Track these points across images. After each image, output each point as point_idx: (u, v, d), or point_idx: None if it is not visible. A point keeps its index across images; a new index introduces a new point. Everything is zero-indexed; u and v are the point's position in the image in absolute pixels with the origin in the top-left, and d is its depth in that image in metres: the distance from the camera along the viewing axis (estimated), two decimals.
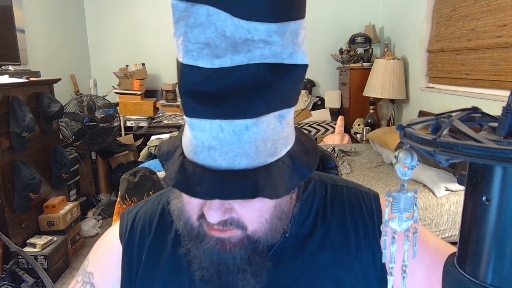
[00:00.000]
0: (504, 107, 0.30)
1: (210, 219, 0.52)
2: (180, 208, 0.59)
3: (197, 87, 0.45)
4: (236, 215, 0.54)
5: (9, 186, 2.35)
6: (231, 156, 0.47)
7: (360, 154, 3.20)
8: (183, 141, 0.53)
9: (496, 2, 2.38)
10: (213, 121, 0.46)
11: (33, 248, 2.45)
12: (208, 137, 0.47)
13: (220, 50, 0.43)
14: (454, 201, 2.16)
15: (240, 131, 0.46)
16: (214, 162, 0.48)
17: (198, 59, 0.43)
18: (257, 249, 0.57)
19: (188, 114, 0.47)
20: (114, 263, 0.68)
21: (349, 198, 0.67)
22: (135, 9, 4.51)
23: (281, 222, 0.58)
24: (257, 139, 0.47)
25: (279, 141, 0.51)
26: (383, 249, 0.36)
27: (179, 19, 0.43)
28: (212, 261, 0.56)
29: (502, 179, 0.28)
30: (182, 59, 0.44)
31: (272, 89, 0.45)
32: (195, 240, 0.57)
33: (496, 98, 2.36)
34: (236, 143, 0.47)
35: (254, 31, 0.43)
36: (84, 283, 0.69)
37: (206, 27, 0.42)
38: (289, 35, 0.44)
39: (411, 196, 0.34)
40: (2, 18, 2.88)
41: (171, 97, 4.30)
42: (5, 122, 2.34)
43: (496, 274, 0.30)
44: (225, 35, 0.42)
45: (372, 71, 3.71)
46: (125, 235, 0.69)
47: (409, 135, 0.32)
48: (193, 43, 0.43)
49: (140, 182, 2.50)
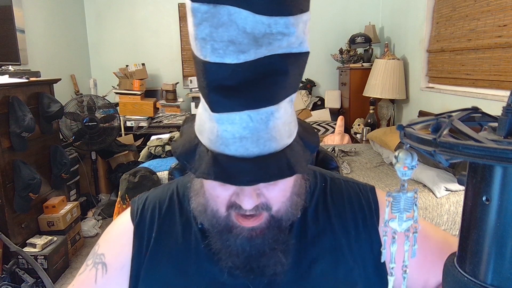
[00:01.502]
0: (504, 107, 0.30)
1: (246, 205, 0.56)
2: (203, 204, 0.63)
3: (223, 82, 0.47)
4: (264, 198, 0.59)
5: (9, 186, 2.35)
6: (262, 142, 0.51)
7: (360, 154, 3.19)
8: (205, 137, 0.55)
9: (496, 2, 2.38)
10: (242, 113, 0.49)
11: (33, 248, 2.45)
12: (239, 128, 0.50)
13: (244, 45, 0.46)
14: (454, 201, 2.16)
15: (266, 118, 0.50)
16: (246, 151, 0.51)
17: (225, 56, 0.46)
18: (281, 227, 0.62)
19: (216, 109, 0.49)
20: (125, 242, 0.71)
21: (347, 190, 0.73)
22: (135, 9, 4.51)
23: (299, 198, 0.64)
24: (279, 123, 0.52)
25: (292, 124, 0.56)
26: (382, 249, 0.36)
27: (202, 21, 0.46)
28: (244, 249, 0.60)
29: (502, 179, 0.28)
30: (209, 58, 0.47)
31: (287, 76, 0.49)
32: (223, 231, 0.61)
33: (496, 98, 2.36)
34: (264, 130, 0.50)
35: (273, 25, 0.46)
36: (95, 264, 0.71)
37: (229, 26, 0.45)
38: (301, 26, 0.48)
39: (411, 196, 0.34)
40: (2, 18, 2.88)
41: (171, 97, 4.30)
42: (5, 122, 2.34)
43: (496, 274, 0.30)
44: (246, 31, 0.46)
45: (372, 71, 3.71)
46: (136, 216, 0.73)
47: (409, 135, 0.32)
48: (219, 42, 0.46)
49: (140, 182, 2.51)
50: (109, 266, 0.70)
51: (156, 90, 4.51)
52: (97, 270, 0.70)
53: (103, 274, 0.69)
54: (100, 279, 0.69)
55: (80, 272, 0.72)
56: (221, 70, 0.47)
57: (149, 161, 2.87)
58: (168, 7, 4.51)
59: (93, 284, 0.69)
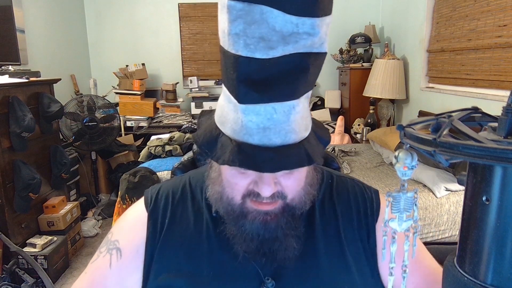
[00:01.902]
0: (504, 107, 0.30)
1: (265, 193, 0.60)
2: (220, 191, 0.67)
3: (252, 76, 0.52)
4: (280, 187, 0.63)
5: (9, 186, 2.35)
6: (283, 134, 0.55)
7: (360, 154, 3.19)
8: (228, 127, 0.58)
9: (496, 2, 2.38)
10: (268, 105, 0.53)
11: (33, 248, 2.45)
12: (263, 119, 0.54)
13: (273, 42, 0.50)
14: (454, 201, 2.16)
15: (289, 111, 0.54)
16: (269, 141, 0.55)
17: (256, 51, 0.50)
18: (294, 214, 0.66)
19: (244, 101, 0.53)
20: (139, 228, 0.73)
21: (353, 188, 0.78)
22: (135, 9, 4.51)
23: (312, 187, 0.68)
24: (298, 117, 0.56)
25: (308, 118, 0.61)
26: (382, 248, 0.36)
27: (236, 17, 0.50)
28: (259, 234, 0.64)
29: (502, 179, 0.28)
30: (241, 52, 0.51)
31: (308, 73, 0.54)
32: (238, 217, 0.65)
33: (496, 98, 2.36)
34: (286, 122, 0.55)
35: (301, 25, 0.50)
36: (109, 250, 0.73)
37: (260, 24, 0.49)
38: (325, 28, 0.52)
39: (411, 196, 0.34)
40: (2, 18, 2.88)
41: (171, 97, 4.30)
42: (5, 122, 2.34)
43: (496, 274, 0.30)
44: (275, 29, 0.50)
45: (372, 71, 3.71)
46: (151, 204, 0.76)
47: (409, 135, 0.32)
48: (251, 38, 0.50)
49: (140, 182, 2.51)
50: (124, 250, 0.72)
51: (156, 90, 4.51)
52: (111, 255, 0.72)
53: (118, 258, 0.71)
54: (115, 263, 0.71)
55: (93, 259, 0.74)
56: (251, 64, 0.51)
57: (149, 161, 2.87)
58: (168, 7, 4.51)
59: (107, 269, 0.71)
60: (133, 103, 4.11)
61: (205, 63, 4.67)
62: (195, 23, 4.57)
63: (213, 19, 4.56)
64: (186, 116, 4.29)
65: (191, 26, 4.58)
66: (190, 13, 4.54)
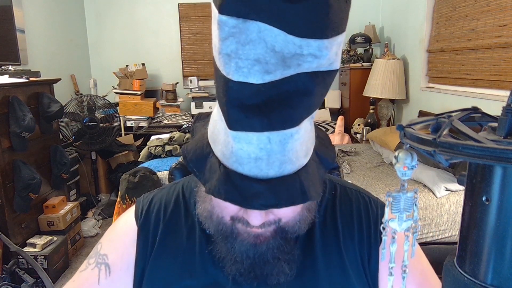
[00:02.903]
0: (504, 107, 0.30)
1: (254, 222, 0.56)
2: (209, 210, 0.62)
3: (245, 101, 0.44)
4: (272, 215, 0.58)
5: (9, 186, 2.35)
6: (277, 165, 0.49)
7: (360, 154, 3.19)
8: (218, 149, 0.52)
9: (496, 2, 2.38)
10: (262, 134, 0.46)
11: (33, 248, 2.45)
12: (255, 149, 0.47)
13: (271, 65, 0.43)
14: (454, 201, 2.16)
15: (285, 140, 0.47)
16: (260, 172, 0.49)
17: (249, 76, 0.43)
18: (287, 238, 0.61)
19: (234, 127, 0.46)
20: (129, 243, 0.70)
21: (357, 201, 0.71)
22: (135, 9, 4.51)
23: (309, 213, 0.62)
24: (297, 144, 0.49)
25: (310, 141, 0.53)
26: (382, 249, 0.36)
27: (228, 35, 0.42)
28: (248, 255, 0.59)
29: (502, 179, 0.28)
30: (232, 76, 0.44)
31: (312, 96, 0.46)
32: (228, 237, 0.60)
33: (496, 98, 2.36)
34: (281, 152, 0.48)
35: (305, 47, 0.42)
36: (98, 264, 0.69)
37: (257, 43, 0.42)
38: (335, 48, 0.44)
39: (411, 196, 0.34)
40: (2, 18, 2.88)
41: (171, 97, 4.30)
42: (5, 122, 2.34)
43: (496, 274, 0.30)
44: (275, 50, 0.42)
45: (372, 71, 3.71)
46: (141, 217, 0.71)
47: (409, 135, 0.32)
48: (244, 60, 0.43)
49: (140, 182, 2.51)
50: (113, 267, 0.69)
51: (156, 90, 4.51)
52: (100, 270, 0.69)
53: (107, 275, 0.68)
54: (103, 280, 0.68)
55: (82, 269, 0.71)
56: (244, 89, 0.44)
57: (149, 161, 2.87)
58: (168, 7, 4.51)
59: (95, 285, 0.68)
60: (133, 103, 4.11)
61: (205, 63, 4.67)
62: (195, 23, 4.57)
63: None
64: (186, 116, 4.29)
65: (191, 26, 4.58)
66: (190, 13, 4.54)
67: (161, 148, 3.00)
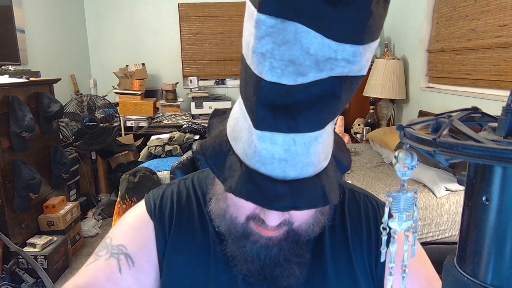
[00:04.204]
0: (504, 107, 0.30)
1: (271, 223, 0.56)
2: (224, 209, 0.61)
3: (275, 101, 0.45)
4: (288, 215, 0.58)
5: (9, 186, 2.35)
6: (300, 167, 0.49)
7: (360, 154, 3.19)
8: (240, 147, 0.52)
9: (496, 2, 2.38)
10: (287, 135, 0.46)
11: (33, 248, 2.45)
12: (280, 150, 0.47)
13: (304, 68, 0.43)
14: (454, 201, 2.16)
15: (309, 143, 0.48)
16: (283, 173, 0.49)
17: (282, 77, 0.43)
18: (299, 241, 0.61)
19: (261, 127, 0.46)
20: (148, 236, 0.68)
21: (366, 205, 0.72)
22: (135, 9, 4.51)
23: (323, 216, 0.63)
24: (320, 148, 0.49)
25: (330, 145, 0.54)
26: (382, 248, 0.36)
27: (265, 35, 0.42)
28: (259, 256, 0.60)
29: (502, 179, 0.28)
30: (265, 76, 0.43)
31: (339, 100, 0.46)
32: (240, 237, 0.60)
33: (496, 98, 2.36)
34: (305, 154, 0.48)
35: (340, 51, 0.42)
36: (114, 254, 0.66)
37: (292, 44, 0.42)
38: (368, 54, 0.44)
39: (411, 196, 0.34)
40: (2, 18, 2.88)
41: (171, 97, 4.30)
42: (5, 122, 2.34)
43: (496, 274, 0.30)
44: (309, 52, 0.42)
45: (372, 71, 3.71)
46: (155, 210, 0.70)
47: (409, 135, 0.32)
48: (278, 60, 0.42)
49: (140, 182, 2.51)
50: (135, 257, 0.66)
51: (156, 90, 4.51)
52: (120, 260, 0.65)
53: (129, 266, 0.65)
54: (126, 270, 0.65)
55: (89, 262, 0.67)
56: (275, 89, 0.44)
57: (149, 161, 2.87)
58: (168, 7, 4.51)
59: (116, 274, 0.64)
60: (133, 103, 4.11)
61: (205, 63, 4.67)
62: (195, 23, 4.57)
63: (213, 19, 4.56)
64: (186, 116, 4.29)
65: (191, 26, 4.58)
66: (190, 13, 4.54)
67: (161, 148, 3.00)
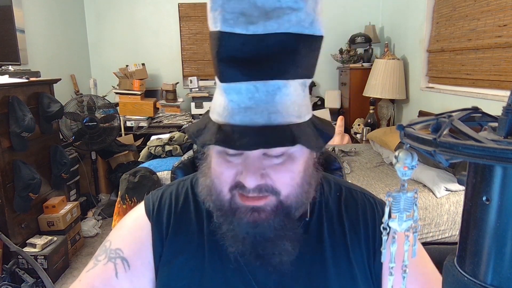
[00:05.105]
0: (504, 107, 0.30)
1: (248, 183, 0.56)
2: (208, 185, 0.64)
3: (234, 53, 0.51)
4: (270, 181, 0.59)
5: (9, 186, 2.35)
6: (266, 114, 0.53)
7: (360, 154, 3.19)
8: (215, 111, 0.57)
9: (496, 2, 2.38)
10: (249, 83, 0.52)
11: (33, 248, 2.45)
12: (244, 98, 0.52)
13: (254, 18, 0.50)
14: (454, 201, 2.16)
15: (273, 92, 0.52)
16: (251, 121, 0.53)
17: (235, 26, 0.50)
18: (289, 214, 0.61)
19: (225, 79, 0.52)
20: (144, 238, 0.70)
21: (363, 202, 0.73)
22: (135, 9, 4.51)
23: (310, 187, 0.63)
24: (287, 100, 0.54)
25: (302, 107, 0.57)
26: (382, 248, 0.36)
27: None
28: (248, 233, 0.60)
29: (502, 179, 0.28)
30: (220, 28, 0.50)
31: (298, 55, 0.52)
32: (227, 213, 0.61)
33: (496, 98, 2.36)
34: (270, 102, 0.53)
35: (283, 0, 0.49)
36: (111, 258, 0.67)
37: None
38: (311, 2, 0.51)
39: (411, 196, 0.34)
40: (2, 18, 2.88)
41: (171, 97, 4.30)
42: (5, 122, 2.34)
43: (496, 274, 0.30)
44: (257, 5, 0.50)
45: (372, 71, 3.71)
46: (153, 212, 0.72)
47: (409, 135, 0.32)
48: (230, 13, 0.50)
49: (140, 182, 2.51)
50: (131, 261, 0.67)
51: (156, 90, 4.50)
52: (116, 264, 0.67)
53: (126, 269, 0.67)
54: (122, 274, 0.66)
55: (89, 268, 0.68)
56: (232, 40, 0.50)
57: (149, 161, 2.87)
58: (168, 7, 4.51)
59: (113, 279, 0.66)
60: (133, 103, 4.11)
61: (205, 63, 4.67)
62: (195, 23, 4.57)
63: None
64: (186, 116, 4.29)
65: (191, 26, 4.58)
66: (190, 13, 4.54)
67: (161, 148, 3.00)
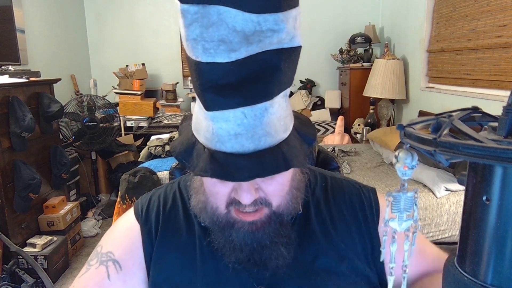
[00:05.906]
0: (504, 107, 0.30)
1: (245, 200, 0.58)
2: (203, 201, 0.64)
3: (218, 82, 0.48)
4: (262, 193, 0.60)
5: (9, 186, 2.35)
6: (256, 138, 0.52)
7: (360, 154, 3.19)
8: (201, 135, 0.56)
9: (496, 2, 2.38)
10: (236, 110, 0.50)
11: (33, 248, 2.45)
12: (233, 125, 0.51)
13: (235, 44, 0.47)
14: (454, 201, 2.16)
15: (260, 114, 0.51)
16: (242, 147, 0.52)
17: (216, 55, 0.47)
18: (283, 221, 0.63)
19: (211, 108, 0.50)
20: (134, 239, 0.71)
21: (349, 188, 0.75)
22: (135, 9, 4.51)
23: (299, 192, 0.65)
24: (274, 118, 0.53)
25: (288, 118, 0.57)
26: (382, 248, 0.36)
27: (192, 21, 0.46)
28: (247, 242, 0.61)
29: (502, 179, 0.28)
30: (200, 58, 0.48)
31: (280, 71, 0.50)
32: (225, 227, 0.62)
33: (496, 98, 2.36)
34: (259, 126, 0.51)
35: (263, 22, 0.47)
36: (103, 262, 0.69)
37: (219, 25, 0.46)
38: (291, 21, 0.49)
39: (411, 196, 0.34)
40: (2, 18, 2.88)
41: (171, 97, 4.30)
42: (5, 122, 2.34)
43: (496, 274, 0.30)
44: (236, 30, 0.46)
45: (372, 71, 3.71)
46: (142, 215, 0.73)
47: (409, 135, 0.32)
48: (209, 42, 0.47)
49: (140, 182, 2.50)
50: (122, 262, 0.69)
51: (156, 90, 4.50)
52: (108, 267, 0.68)
53: (118, 270, 0.68)
54: (114, 275, 0.67)
55: (81, 273, 0.69)
56: (214, 69, 0.48)
57: (149, 161, 2.87)
58: (168, 7, 4.51)
59: (105, 280, 0.67)
60: (133, 103, 4.11)
61: None
62: None
63: None
64: (184, 115, 4.28)
65: None
66: None
67: (161, 148, 2.99)
